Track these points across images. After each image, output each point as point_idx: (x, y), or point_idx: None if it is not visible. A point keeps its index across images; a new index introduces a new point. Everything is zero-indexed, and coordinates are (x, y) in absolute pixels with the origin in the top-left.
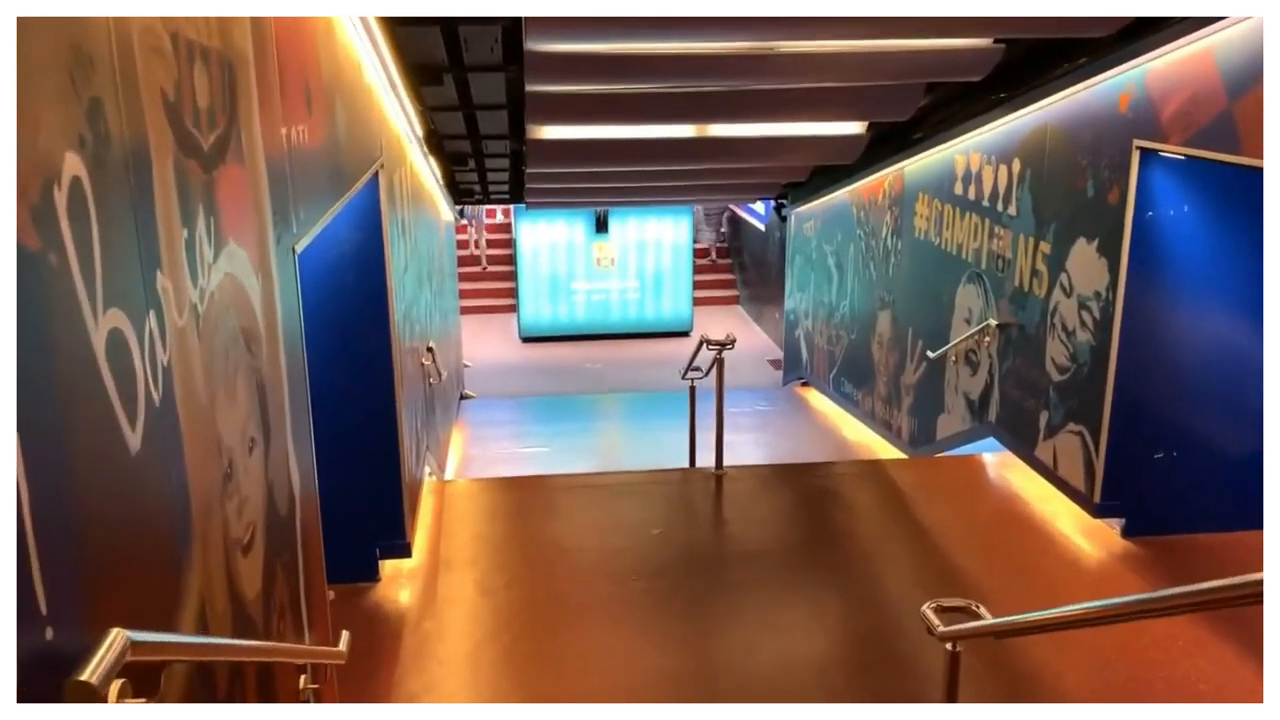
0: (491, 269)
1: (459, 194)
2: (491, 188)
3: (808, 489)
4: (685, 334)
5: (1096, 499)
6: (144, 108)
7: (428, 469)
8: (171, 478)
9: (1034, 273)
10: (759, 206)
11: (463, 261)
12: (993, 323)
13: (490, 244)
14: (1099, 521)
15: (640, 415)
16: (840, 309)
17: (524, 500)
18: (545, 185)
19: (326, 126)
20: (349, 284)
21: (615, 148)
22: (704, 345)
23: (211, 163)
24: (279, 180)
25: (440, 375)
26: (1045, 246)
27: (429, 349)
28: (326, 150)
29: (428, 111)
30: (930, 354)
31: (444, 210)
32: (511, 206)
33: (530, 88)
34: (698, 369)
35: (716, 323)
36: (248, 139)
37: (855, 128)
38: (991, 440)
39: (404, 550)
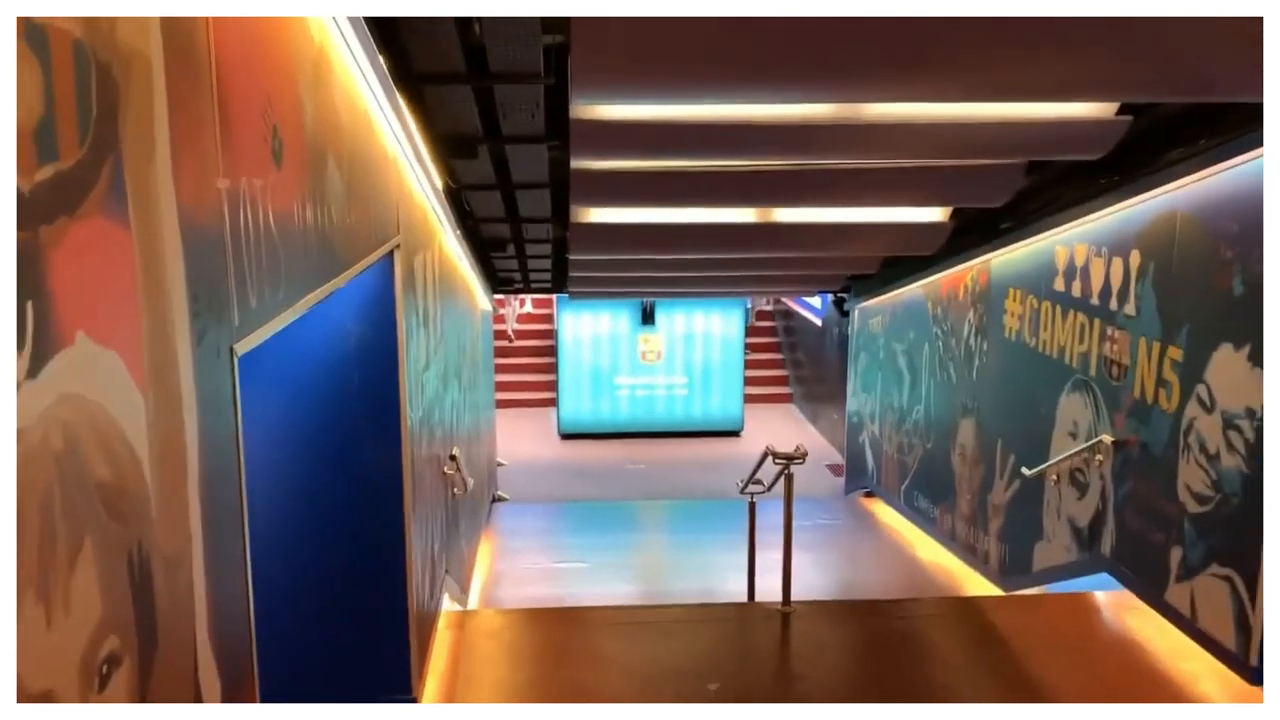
0: (530, 360)
1: (497, 282)
2: (532, 275)
3: (889, 632)
4: (735, 434)
5: (1252, 660)
6: None
7: (447, 596)
8: None
9: (1160, 383)
10: (814, 300)
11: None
12: (1106, 439)
13: (529, 335)
14: (1258, 689)
15: (687, 527)
16: (913, 414)
17: (556, 640)
18: (589, 274)
19: (308, 188)
20: (352, 386)
21: (665, 233)
22: (769, 457)
23: (43, 213)
24: (206, 251)
25: (466, 485)
26: (1175, 353)
27: (452, 457)
28: (307, 219)
29: (461, 190)
30: (1026, 471)
31: (480, 298)
32: (554, 295)
33: (576, 163)
34: (759, 483)
35: (768, 423)
36: (138, 185)
37: (938, 214)
38: (1104, 577)
39: None
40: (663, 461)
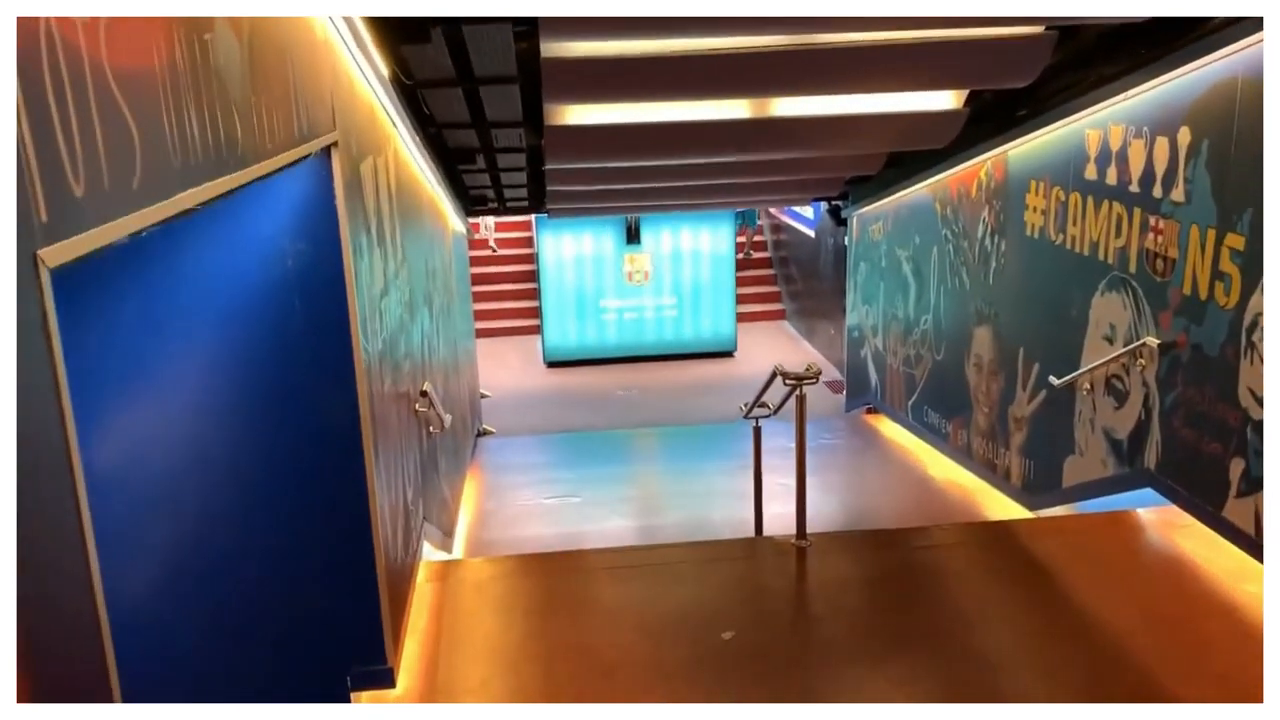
0: (511, 287)
1: (470, 201)
2: (507, 194)
3: (914, 565)
4: (729, 354)
5: None
6: None
7: (428, 544)
8: None
9: (1217, 276)
10: (806, 210)
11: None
12: (1151, 341)
13: (509, 260)
14: None
15: (683, 454)
16: (920, 324)
17: (551, 587)
18: (568, 188)
19: (179, 53)
20: (294, 317)
21: (648, 134)
22: (778, 378)
23: None
24: None
25: (443, 422)
26: (1235, 240)
27: (423, 393)
28: (179, 89)
29: (417, 87)
30: (1054, 380)
31: (451, 219)
32: (532, 217)
33: (547, 50)
34: (764, 406)
35: (761, 342)
36: None
37: (951, 100)
38: (1147, 493)
39: (385, 678)
40: (654, 386)
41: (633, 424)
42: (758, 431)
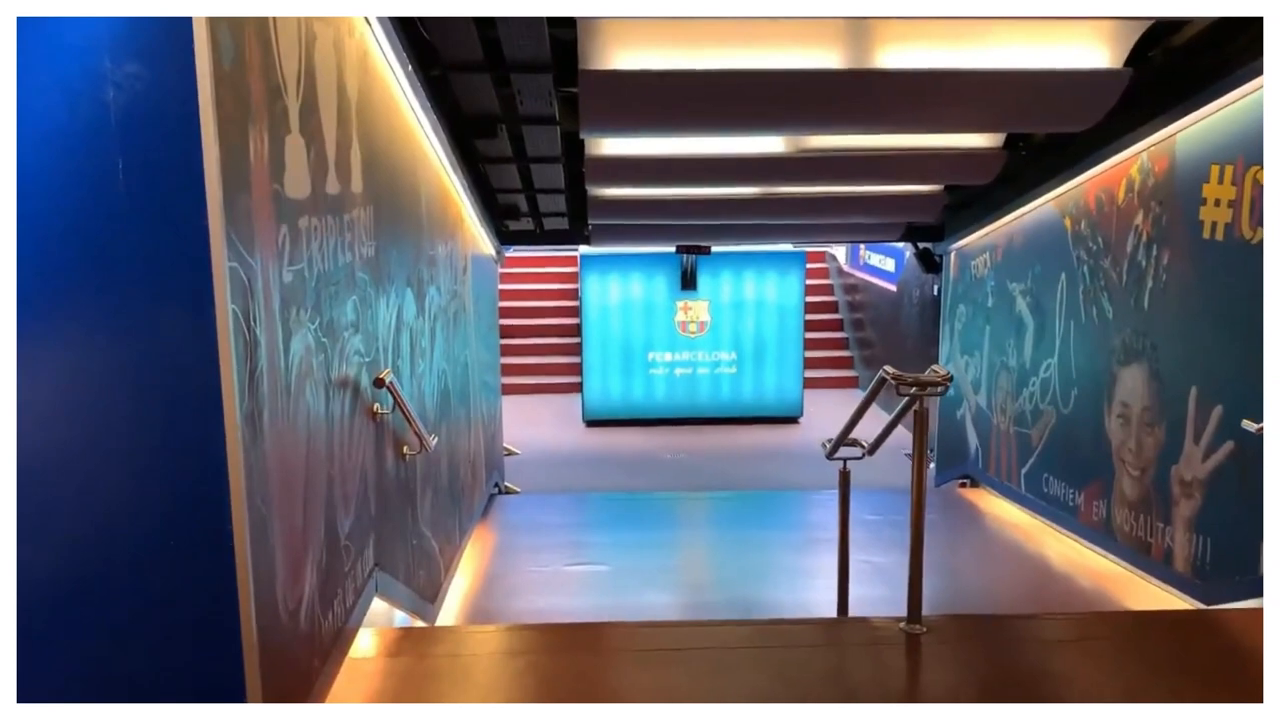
0: (553, 341)
1: (500, 215)
2: (544, 217)
3: (1067, 661)
4: (793, 420)
5: None
6: None
7: (385, 606)
8: None
9: None
10: (885, 263)
11: (511, 313)
12: None
13: (549, 313)
14: None
15: (739, 521)
16: (1040, 371)
17: (555, 671)
18: (612, 221)
19: None
20: (114, 193)
21: (704, 166)
22: (889, 383)
23: None
24: None
25: (424, 442)
26: None
27: (379, 382)
28: None
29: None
30: (1250, 426)
31: (477, 231)
32: (577, 256)
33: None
34: (855, 444)
35: (830, 409)
36: None
37: (1106, 55)
38: None
39: None
40: (707, 451)
41: (678, 488)
42: (845, 477)
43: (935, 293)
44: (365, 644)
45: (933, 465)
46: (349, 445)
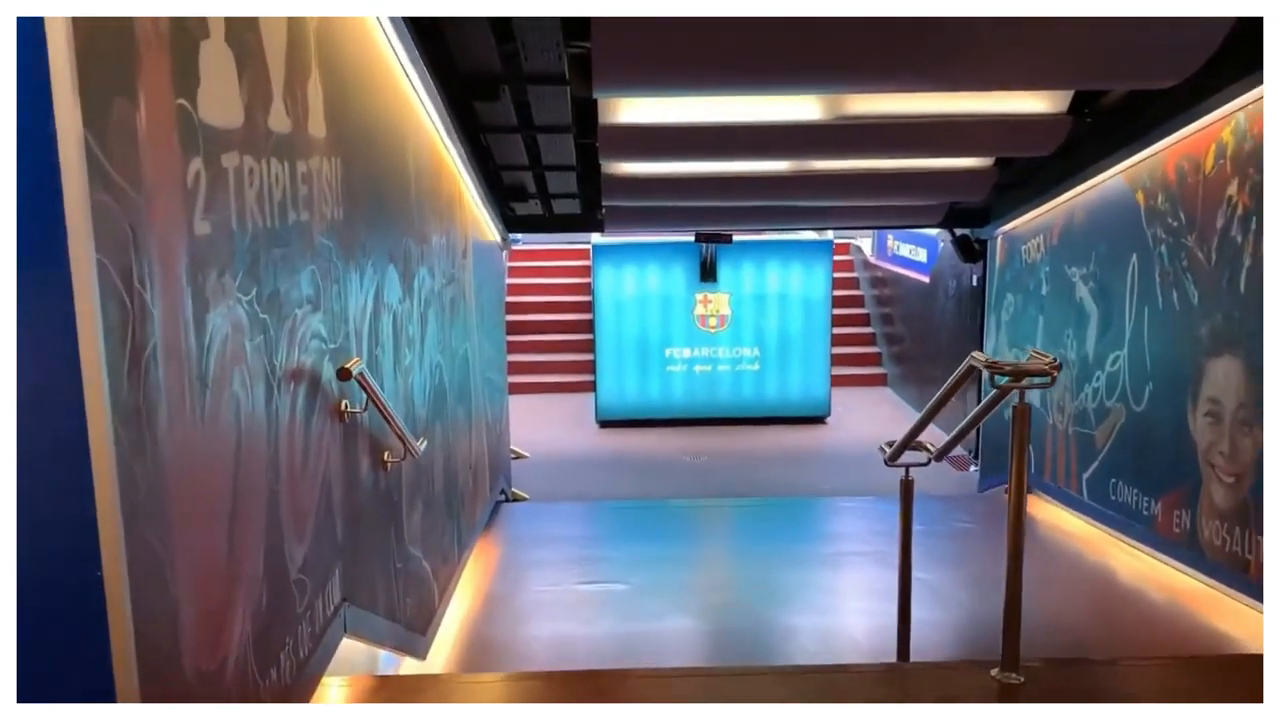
0: (564, 338)
1: (506, 197)
2: (554, 199)
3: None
4: (820, 420)
5: None
6: None
7: (363, 647)
8: None
9: None
10: (917, 254)
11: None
12: None
13: (562, 308)
14: None
15: (764, 534)
16: (1107, 365)
17: None
18: (628, 203)
19: None
20: None
21: (729, 136)
22: (979, 368)
23: None
24: None
25: (409, 448)
26: None
27: (344, 372)
28: None
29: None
30: None
31: (480, 213)
32: (589, 247)
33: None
34: (919, 448)
35: (859, 408)
36: None
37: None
38: None
39: None
40: (729, 453)
41: (702, 494)
42: (908, 487)
43: (974, 283)
44: (333, 697)
45: (973, 468)
46: (304, 453)
